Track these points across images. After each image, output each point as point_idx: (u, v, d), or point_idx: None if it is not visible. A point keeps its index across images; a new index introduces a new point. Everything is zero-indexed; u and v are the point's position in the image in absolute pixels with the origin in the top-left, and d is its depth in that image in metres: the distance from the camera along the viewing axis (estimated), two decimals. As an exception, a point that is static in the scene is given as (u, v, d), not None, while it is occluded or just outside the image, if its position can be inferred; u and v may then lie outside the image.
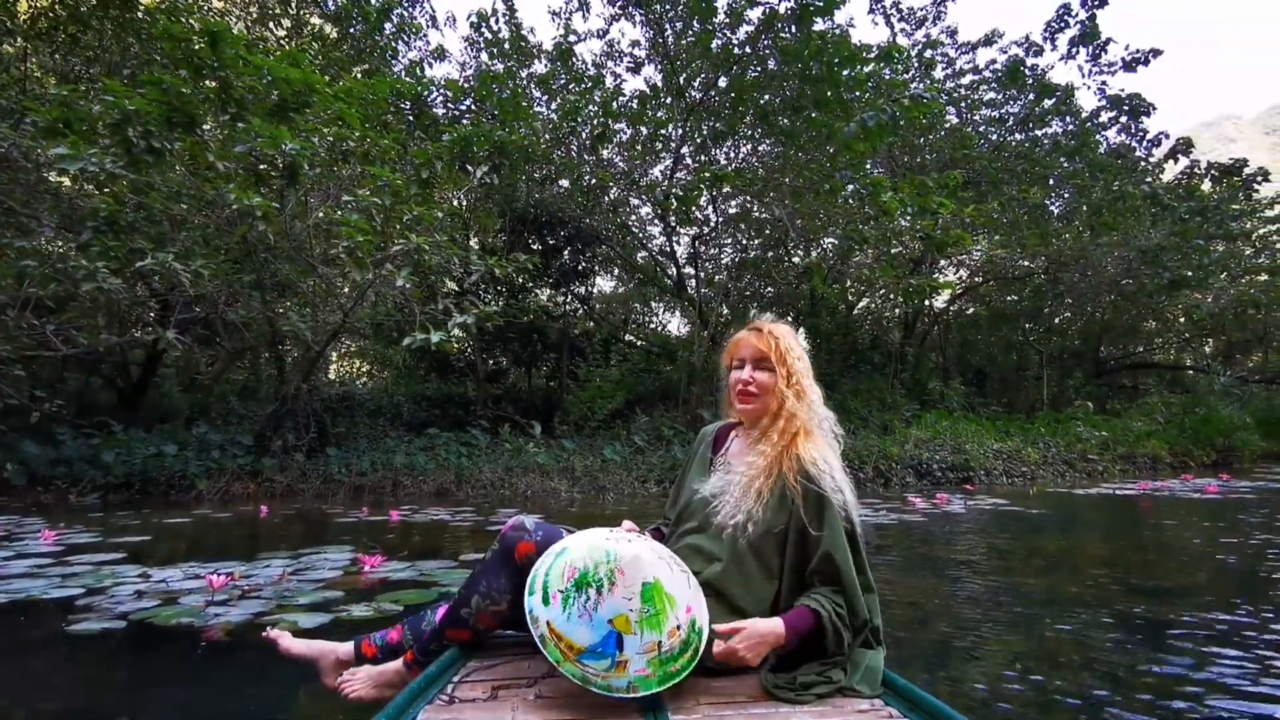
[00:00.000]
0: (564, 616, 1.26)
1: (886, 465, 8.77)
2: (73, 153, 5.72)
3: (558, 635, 1.26)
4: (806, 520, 1.39)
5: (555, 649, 1.25)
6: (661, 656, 1.26)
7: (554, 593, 1.29)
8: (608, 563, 1.30)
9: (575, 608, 1.26)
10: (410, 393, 12.46)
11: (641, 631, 1.25)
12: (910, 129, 11.35)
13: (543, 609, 1.28)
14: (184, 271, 6.12)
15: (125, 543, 4.51)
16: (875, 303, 16.99)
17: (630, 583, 1.28)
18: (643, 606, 1.27)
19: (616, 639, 1.24)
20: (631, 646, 1.24)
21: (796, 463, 1.44)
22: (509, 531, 1.50)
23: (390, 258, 6.98)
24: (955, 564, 4.04)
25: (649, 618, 1.27)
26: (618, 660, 1.24)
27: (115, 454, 7.75)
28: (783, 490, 1.44)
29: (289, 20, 11.50)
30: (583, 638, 1.24)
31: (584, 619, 1.25)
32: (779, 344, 1.56)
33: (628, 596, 1.27)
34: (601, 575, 1.29)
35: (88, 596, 3.05)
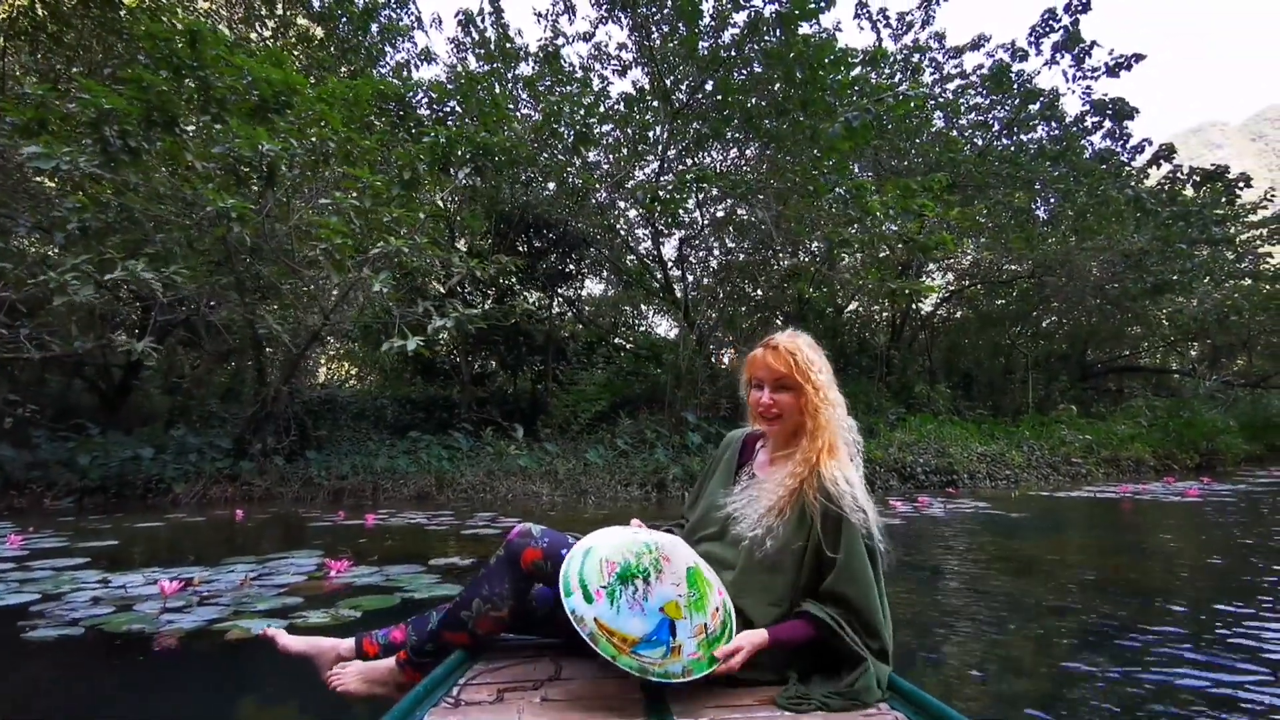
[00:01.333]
0: (613, 611, 1.26)
1: (870, 469, 8.75)
2: (46, 151, 5.66)
3: (609, 630, 1.25)
4: (824, 541, 1.38)
5: (609, 644, 1.24)
6: (709, 638, 1.29)
7: (596, 590, 1.28)
8: (650, 552, 1.34)
9: (624, 600, 1.27)
10: (395, 395, 12.40)
11: (690, 615, 1.29)
12: (896, 133, 11.40)
13: (588, 607, 1.27)
14: (154, 280, 6.05)
15: (92, 548, 4.44)
16: (864, 306, 17.04)
17: (676, 568, 1.33)
18: (689, 591, 1.31)
19: (670, 626, 1.27)
20: (684, 631, 1.27)
21: (818, 480, 1.41)
22: (515, 538, 1.48)
23: (369, 260, 6.93)
24: (926, 568, 4.02)
25: (695, 601, 1.30)
26: (672, 646, 1.26)
27: (92, 457, 7.67)
28: (803, 508, 1.42)
29: (274, 21, 11.44)
30: (636, 629, 1.25)
31: (635, 610, 1.26)
32: (797, 361, 1.51)
33: (675, 582, 1.31)
34: (646, 565, 1.31)
35: (43, 603, 3.00)
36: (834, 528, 1.37)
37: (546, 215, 10.91)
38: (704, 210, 12.43)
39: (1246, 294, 14.05)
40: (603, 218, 11.86)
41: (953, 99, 13.07)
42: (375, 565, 3.86)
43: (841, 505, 1.37)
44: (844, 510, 1.36)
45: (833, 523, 1.38)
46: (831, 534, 1.38)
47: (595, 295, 16.99)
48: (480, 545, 4.70)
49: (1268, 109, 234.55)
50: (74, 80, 8.37)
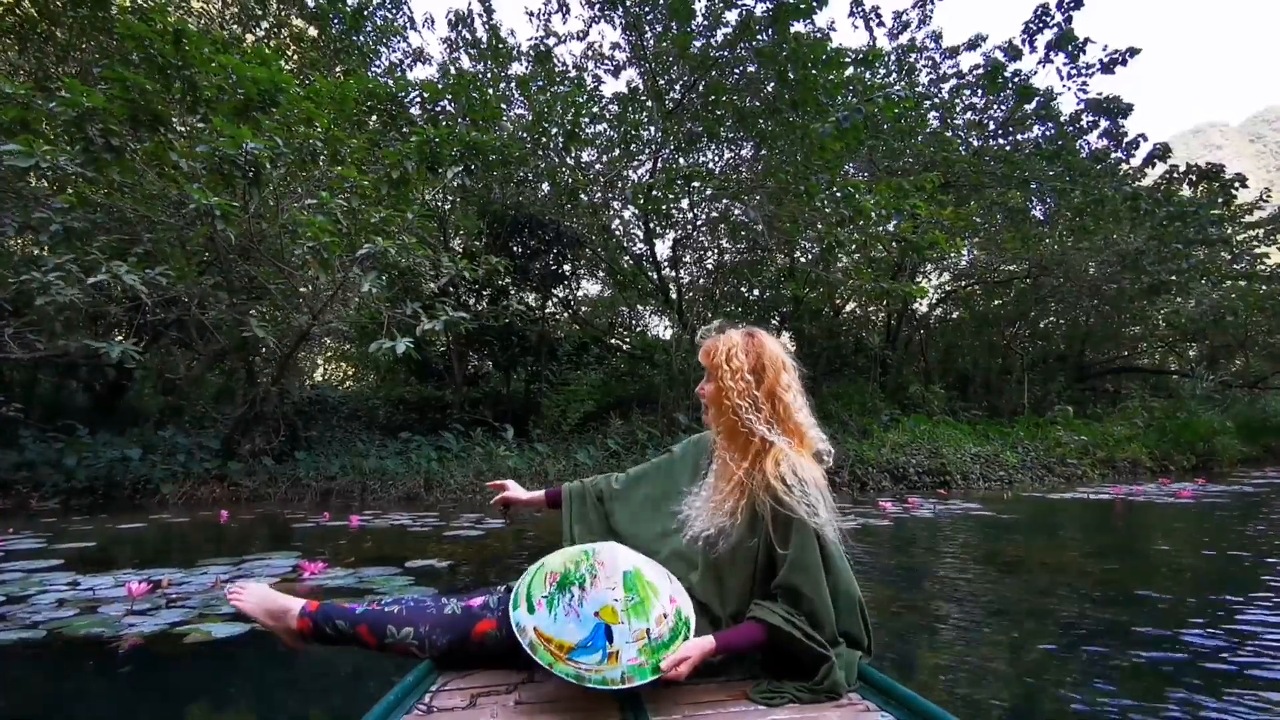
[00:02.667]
0: (550, 618, 1.27)
1: (863, 470, 8.72)
2: (25, 150, 5.62)
3: (546, 638, 1.26)
4: (774, 538, 1.36)
5: (545, 653, 1.25)
6: (652, 644, 1.26)
7: (538, 600, 1.31)
8: (586, 559, 1.34)
9: (560, 608, 1.27)
10: (389, 396, 12.36)
11: (629, 620, 1.26)
12: (891, 133, 11.36)
13: (528, 617, 1.29)
14: (138, 282, 6.00)
15: (69, 549, 4.40)
16: (860, 307, 17.00)
17: (611, 573, 1.30)
18: (626, 595, 1.28)
19: (605, 630, 1.25)
20: (621, 636, 1.24)
21: (764, 479, 1.39)
22: (475, 607, 1.45)
23: (357, 260, 6.89)
24: (906, 569, 3.98)
25: (634, 605, 1.27)
26: (609, 652, 1.24)
27: (79, 458, 7.63)
28: (753, 508, 1.40)
29: (268, 21, 11.41)
30: (571, 635, 1.25)
31: (570, 616, 1.26)
32: (714, 353, 1.54)
33: (610, 586, 1.28)
34: (583, 571, 1.31)
35: (6, 605, 2.96)
36: (784, 524, 1.35)
37: (540, 216, 10.87)
38: (697, 210, 12.40)
39: (1243, 294, 13.99)
40: (596, 218, 11.82)
41: (948, 99, 13.04)
42: (351, 567, 3.81)
43: (790, 504, 1.34)
44: (792, 509, 1.34)
45: (782, 520, 1.35)
46: (781, 530, 1.35)
47: (591, 296, 16.97)
48: (460, 547, 4.65)
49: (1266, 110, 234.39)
50: (61, 80, 8.36)
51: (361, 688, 2.07)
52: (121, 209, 7.24)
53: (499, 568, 3.87)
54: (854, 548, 4.65)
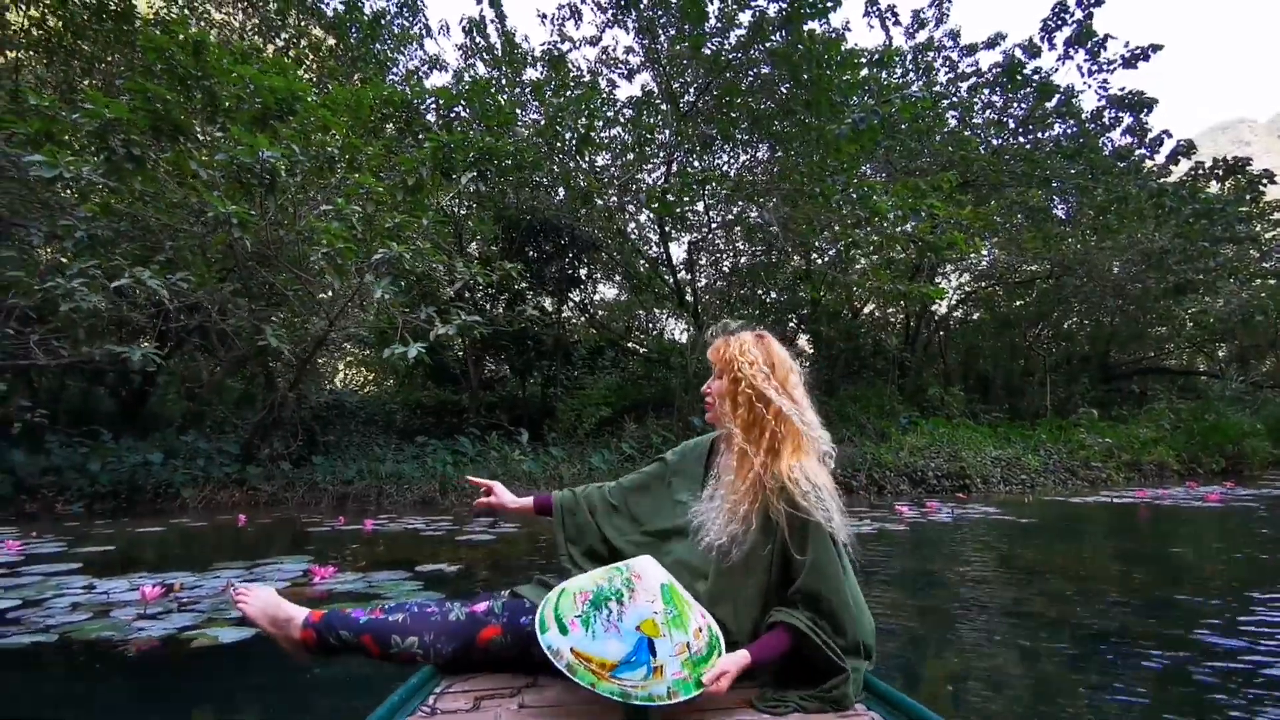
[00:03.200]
0: (588, 636, 1.22)
1: (880, 473, 8.61)
2: (49, 160, 5.73)
3: (586, 658, 1.21)
4: (790, 544, 1.34)
5: (587, 673, 1.20)
6: (693, 658, 1.23)
7: (570, 620, 1.25)
8: (621, 574, 1.30)
9: (598, 625, 1.23)
10: (406, 400, 12.45)
11: (670, 632, 1.23)
12: (908, 133, 11.26)
13: (563, 639, 1.23)
14: (160, 287, 6.10)
15: (87, 553, 4.47)
16: (880, 308, 16.85)
17: (649, 585, 1.27)
18: (666, 608, 1.25)
19: (649, 644, 1.21)
20: (664, 650, 1.21)
21: (777, 483, 1.38)
22: (480, 613, 1.45)
23: (371, 266, 6.94)
24: (920, 575, 3.91)
25: (674, 618, 1.24)
26: (654, 666, 1.20)
27: (103, 463, 7.76)
28: (766, 513, 1.38)
29: (288, 32, 11.57)
30: (614, 652, 1.20)
31: (610, 632, 1.22)
32: (726, 350, 1.55)
33: (650, 599, 1.25)
34: (618, 586, 1.27)
35: (22, 609, 3.00)
36: (800, 529, 1.34)
37: (555, 220, 10.90)
38: (713, 213, 12.37)
39: (1273, 293, 13.67)
40: (611, 222, 11.83)
41: (967, 98, 12.89)
42: (361, 572, 3.83)
43: (805, 508, 1.33)
44: (809, 513, 1.33)
45: (798, 524, 1.34)
46: (798, 536, 1.34)
47: (608, 299, 16.99)
48: (472, 551, 4.66)
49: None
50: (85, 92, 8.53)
51: (365, 690, 2.06)
52: (144, 217, 7.38)
53: (510, 572, 3.87)
54: (869, 553, 4.58)
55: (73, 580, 3.58)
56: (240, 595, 1.54)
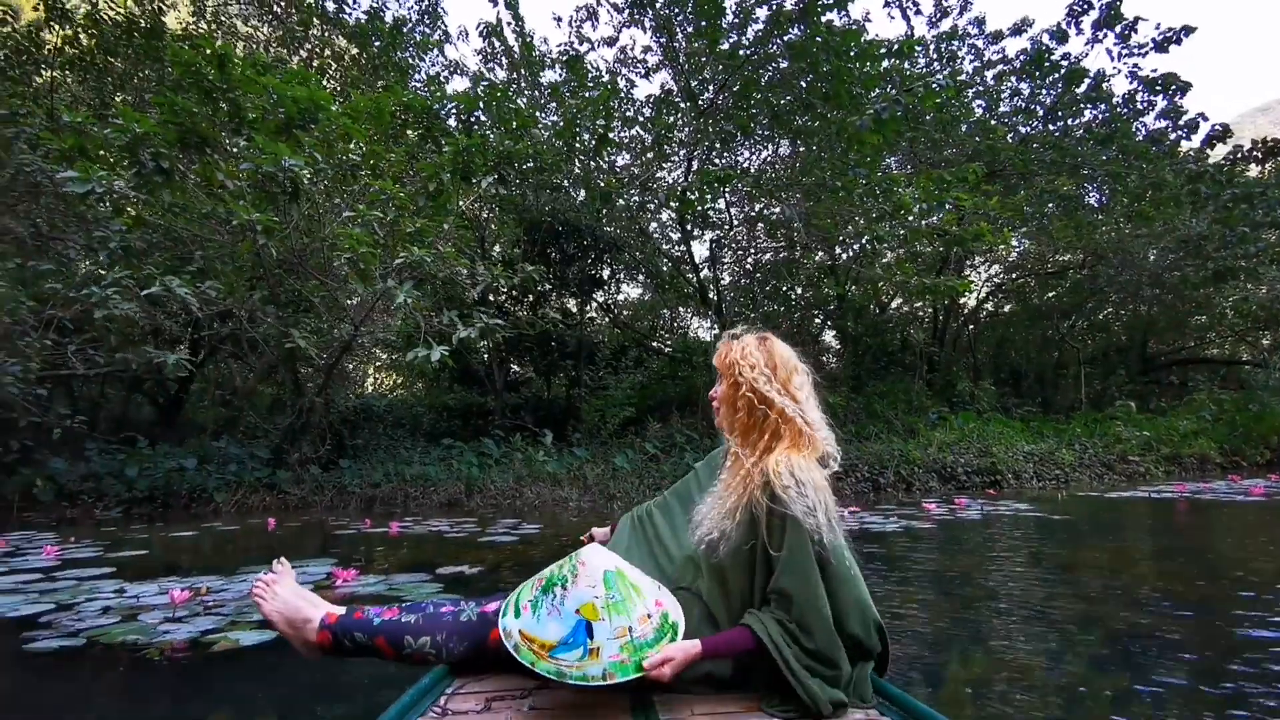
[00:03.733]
0: (534, 619, 1.29)
1: (908, 470, 8.48)
2: (81, 176, 5.89)
3: (529, 638, 1.27)
4: (769, 539, 1.34)
5: (529, 652, 1.26)
6: (635, 642, 1.25)
7: (524, 604, 1.33)
8: (569, 561, 1.35)
9: (544, 609, 1.29)
10: (433, 403, 12.58)
11: (610, 616, 1.26)
12: (933, 124, 11.08)
13: (514, 622, 1.31)
14: (189, 295, 6.24)
15: (121, 557, 4.58)
16: (908, 303, 16.62)
17: (592, 572, 1.31)
18: (608, 593, 1.28)
19: (586, 627, 1.25)
20: (602, 633, 1.24)
21: (761, 478, 1.37)
22: (491, 613, 1.45)
23: (393, 271, 7.02)
24: (945, 573, 3.82)
25: (615, 603, 1.27)
26: (590, 648, 1.24)
27: (140, 468, 7.95)
28: (751, 509, 1.38)
29: (311, 43, 11.76)
30: (553, 633, 1.26)
31: (552, 615, 1.27)
32: (728, 355, 1.57)
33: (591, 585, 1.29)
34: (564, 572, 1.32)
35: (55, 613, 3.07)
36: (777, 525, 1.33)
37: (576, 221, 10.92)
38: (734, 210, 12.30)
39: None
40: (633, 221, 11.83)
41: (993, 85, 12.64)
42: (383, 574, 3.87)
43: (784, 502, 1.32)
44: (786, 507, 1.31)
45: (778, 521, 1.33)
46: (776, 532, 1.33)
47: (632, 299, 16.99)
48: (494, 553, 4.68)
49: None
50: (117, 108, 8.76)
51: (380, 692, 2.08)
52: (175, 228, 7.56)
53: (531, 573, 3.87)
54: (893, 550, 4.51)
55: (105, 584, 3.66)
56: (259, 592, 1.55)
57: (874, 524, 5.57)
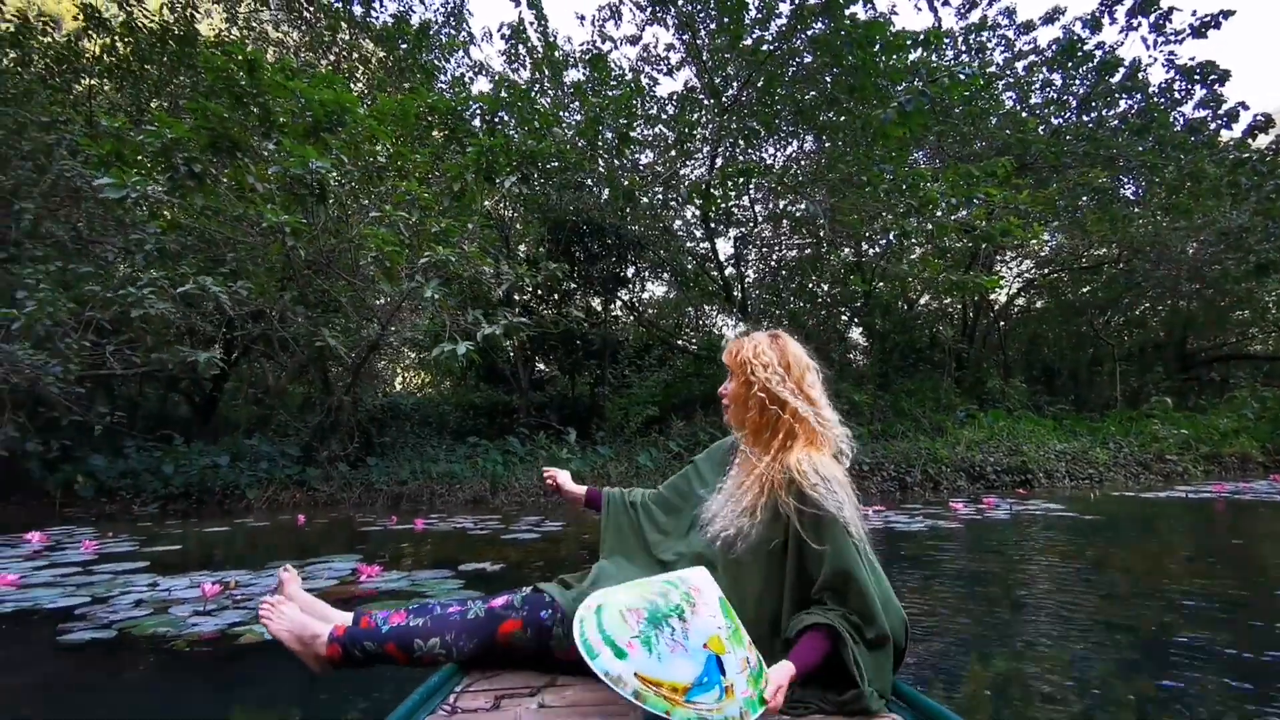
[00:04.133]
0: (652, 659, 1.12)
1: (936, 469, 8.36)
2: (117, 181, 6.05)
3: (654, 682, 1.10)
4: (804, 535, 1.34)
5: (659, 699, 1.09)
6: (753, 673, 1.17)
7: (627, 642, 1.13)
8: (678, 589, 1.21)
9: (663, 645, 1.13)
10: (460, 402, 12.71)
11: (734, 648, 1.16)
12: (961, 117, 10.90)
13: (622, 663, 1.11)
14: (222, 294, 6.39)
15: (155, 552, 4.70)
16: (937, 299, 16.37)
17: (709, 599, 1.20)
18: (727, 623, 1.19)
19: (718, 663, 1.13)
20: (732, 667, 1.14)
21: (786, 475, 1.38)
22: (498, 608, 1.46)
23: (418, 270, 7.11)
24: (969, 574, 3.76)
25: (734, 633, 1.19)
26: (725, 685, 1.12)
27: (176, 465, 8.16)
28: (775, 506, 1.39)
29: (339, 46, 11.93)
30: (684, 673, 1.11)
31: (677, 652, 1.13)
32: (739, 353, 1.56)
33: (712, 615, 1.18)
34: (677, 601, 1.18)
35: (90, 606, 3.16)
36: (812, 521, 1.34)
37: (599, 220, 10.95)
38: (758, 207, 12.22)
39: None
40: (657, 219, 11.82)
41: (1024, 76, 12.40)
42: (406, 570, 3.92)
43: (815, 500, 1.33)
44: (820, 505, 1.33)
45: (810, 516, 1.34)
46: (811, 527, 1.34)
47: (657, 297, 16.99)
48: (516, 550, 4.71)
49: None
50: (152, 114, 8.98)
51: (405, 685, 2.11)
52: (208, 230, 7.74)
53: (553, 569, 3.89)
54: (918, 550, 4.45)
55: (139, 578, 3.77)
56: (266, 613, 1.53)
57: (899, 523, 5.50)
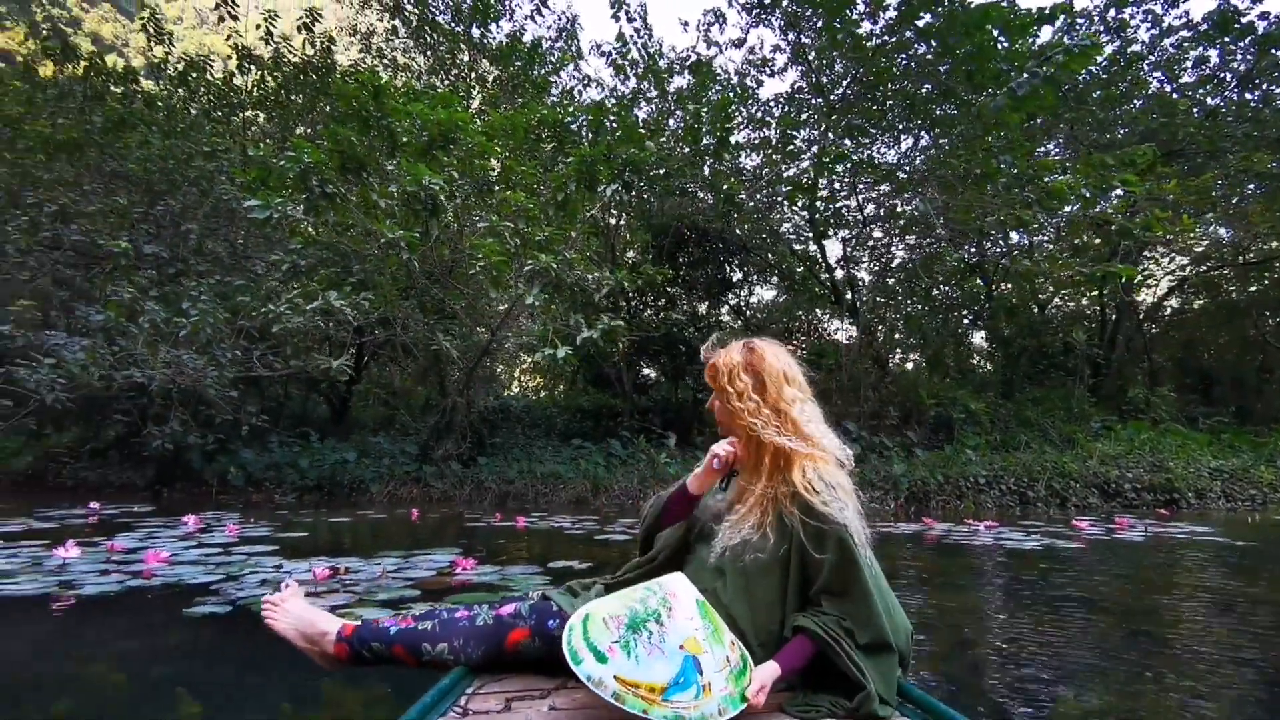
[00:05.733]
0: (631, 662, 1.17)
1: (1062, 483, 7.72)
2: (262, 203, 6.72)
3: (632, 684, 1.16)
4: (807, 543, 1.34)
5: (636, 699, 1.14)
6: (733, 671, 1.21)
7: (607, 647, 1.19)
8: (655, 594, 1.27)
9: (640, 648, 1.18)
10: (568, 405, 13.09)
11: (712, 648, 1.21)
12: (1098, 102, 10.05)
13: (602, 667, 1.17)
14: (346, 306, 6.95)
15: (286, 537, 5.17)
16: (1074, 301, 15.12)
17: (685, 603, 1.25)
18: (704, 624, 1.23)
19: (694, 663, 1.18)
20: (709, 666, 1.19)
21: (791, 488, 1.39)
22: (505, 616, 1.47)
23: (523, 277, 7.41)
24: (1078, 597, 3.45)
25: (712, 634, 1.23)
26: (702, 684, 1.17)
27: (310, 460, 8.94)
28: (781, 518, 1.40)
29: (458, 67, 12.65)
30: (661, 674, 1.16)
31: (654, 654, 1.18)
32: (717, 368, 1.53)
33: (688, 617, 1.23)
34: (654, 606, 1.24)
35: (223, 583, 3.54)
36: (815, 531, 1.34)
37: (703, 224, 10.96)
38: (867, 206, 11.79)
39: None
40: (764, 221, 11.68)
41: (1174, 54, 11.24)
42: (499, 565, 4.10)
43: (822, 513, 1.33)
44: (825, 518, 1.33)
45: (813, 528, 1.34)
46: (814, 537, 1.34)
47: (765, 301, 16.76)
48: (605, 550, 4.82)
49: None
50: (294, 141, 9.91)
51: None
52: (339, 245, 8.44)
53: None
54: (1021, 571, 4.15)
55: (267, 560, 4.17)
56: (269, 611, 1.53)
57: (1011, 541, 5.14)
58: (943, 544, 5.15)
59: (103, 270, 9.49)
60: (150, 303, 7.44)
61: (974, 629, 3.00)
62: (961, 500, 7.59)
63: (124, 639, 2.79)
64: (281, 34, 10.26)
